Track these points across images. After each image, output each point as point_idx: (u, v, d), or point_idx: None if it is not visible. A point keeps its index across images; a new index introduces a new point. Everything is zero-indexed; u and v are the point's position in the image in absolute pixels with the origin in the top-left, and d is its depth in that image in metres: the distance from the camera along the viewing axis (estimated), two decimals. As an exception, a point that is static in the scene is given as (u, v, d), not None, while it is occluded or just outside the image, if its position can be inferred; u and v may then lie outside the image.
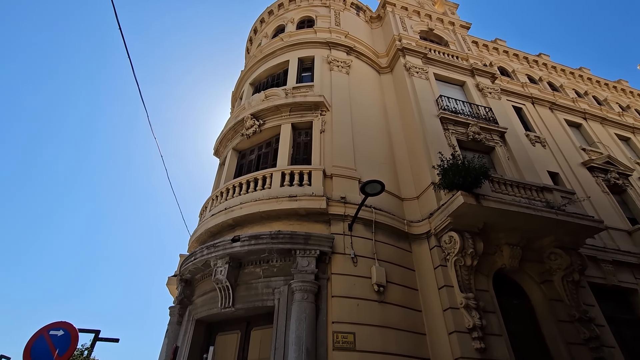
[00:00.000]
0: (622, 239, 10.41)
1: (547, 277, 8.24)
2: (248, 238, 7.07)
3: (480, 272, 7.72)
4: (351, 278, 6.91)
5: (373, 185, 6.54)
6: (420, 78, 11.54)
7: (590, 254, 9.29)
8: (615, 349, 7.63)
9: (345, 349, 6.02)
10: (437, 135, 9.80)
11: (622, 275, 9.41)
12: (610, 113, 15.95)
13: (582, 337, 7.42)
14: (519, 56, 17.07)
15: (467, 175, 7.26)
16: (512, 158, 10.28)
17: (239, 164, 10.56)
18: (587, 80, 18.20)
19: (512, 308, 7.93)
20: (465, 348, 6.52)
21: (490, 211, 7.44)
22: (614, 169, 12.42)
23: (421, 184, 9.12)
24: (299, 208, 7.54)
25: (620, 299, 9.36)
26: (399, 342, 6.55)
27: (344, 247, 7.33)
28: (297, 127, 9.96)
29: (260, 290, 6.95)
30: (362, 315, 6.51)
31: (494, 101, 12.09)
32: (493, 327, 6.95)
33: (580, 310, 7.74)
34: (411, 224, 8.55)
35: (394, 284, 7.26)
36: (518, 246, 8.14)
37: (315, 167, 8.33)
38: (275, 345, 6.14)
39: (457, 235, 7.47)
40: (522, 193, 8.18)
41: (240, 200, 8.17)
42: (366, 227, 7.82)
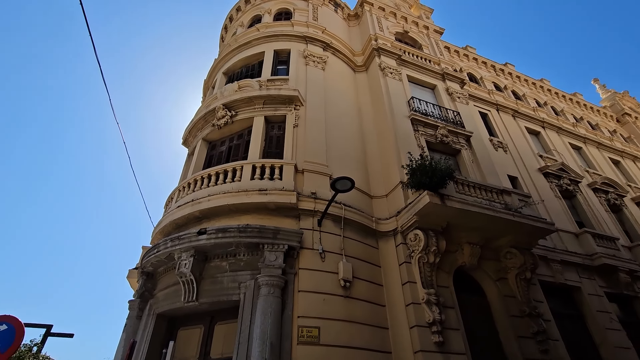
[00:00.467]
0: (570, 241, 11.23)
1: (502, 274, 8.73)
2: (215, 231, 6.92)
3: (442, 269, 8.05)
4: (318, 273, 6.96)
5: (343, 182, 6.61)
6: (394, 79, 11.75)
7: (542, 254, 9.95)
8: (559, 342, 8.24)
9: (309, 343, 6.07)
10: (408, 135, 10.05)
11: (569, 274, 10.17)
12: (565, 123, 17.10)
13: (531, 331, 7.95)
14: (487, 64, 17.85)
15: (433, 175, 7.51)
16: (476, 161, 10.75)
17: (208, 155, 10.28)
18: (546, 91, 19.37)
19: (469, 304, 8.34)
20: (425, 342, 6.79)
21: (453, 211, 7.75)
22: (566, 176, 13.35)
23: (390, 183, 9.33)
24: (269, 202, 7.48)
25: (566, 295, 10.11)
26: (363, 336, 6.70)
27: (312, 243, 7.36)
28: (270, 121, 9.84)
29: (226, 285, 6.83)
30: (328, 309, 6.59)
31: (462, 106, 12.57)
32: (451, 322, 7.27)
33: (531, 306, 8.28)
34: (379, 222, 8.73)
35: (360, 280, 7.40)
36: (478, 245, 8.55)
37: (287, 162, 8.29)
38: (239, 340, 6.08)
39: (422, 234, 7.73)
40: (484, 195, 8.59)
41: (208, 192, 7.97)
42: (335, 223, 7.90)
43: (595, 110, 20.86)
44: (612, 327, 9.43)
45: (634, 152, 18.46)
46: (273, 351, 5.71)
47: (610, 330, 9.32)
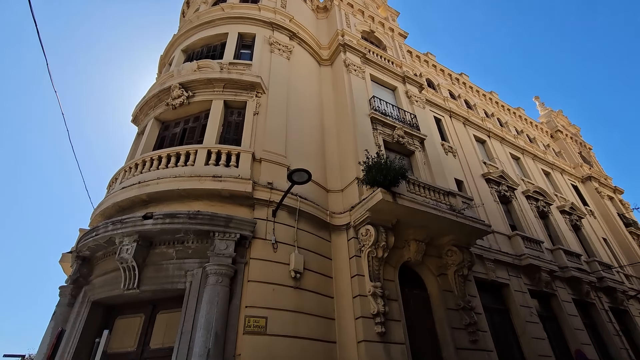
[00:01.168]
0: (503, 242, 12.30)
1: (443, 270, 9.34)
2: (162, 216, 6.58)
3: (389, 263, 8.42)
4: (270, 264, 6.93)
5: (300, 174, 6.61)
6: (357, 76, 11.93)
7: (478, 253, 10.79)
8: (487, 333, 9.04)
9: (255, 333, 6.05)
10: (366, 133, 10.29)
11: (500, 272, 11.16)
12: (508, 135, 18.59)
13: (464, 323, 8.63)
14: (445, 72, 18.80)
15: (387, 174, 7.78)
16: (427, 163, 11.32)
17: (160, 136, 9.71)
18: (494, 104, 20.88)
19: (412, 297, 8.84)
20: (368, 332, 7.08)
21: (404, 209, 8.11)
22: (505, 183, 14.55)
23: (346, 178, 9.51)
24: (223, 189, 7.26)
25: (496, 291, 11.09)
26: (310, 326, 6.81)
27: (265, 233, 7.30)
28: (230, 106, 9.52)
29: (171, 272, 6.55)
30: (277, 300, 6.60)
31: (419, 109, 13.12)
32: (394, 314, 7.66)
33: (465, 300, 8.96)
34: (333, 215, 8.89)
35: (311, 271, 7.50)
36: (423, 242, 9.06)
37: (245, 149, 8.09)
38: (182, 330, 5.88)
39: (373, 229, 8.00)
40: (432, 195, 9.08)
41: (157, 175, 7.54)
42: (290, 214, 7.90)
43: (534, 125, 22.92)
44: (531, 320, 10.54)
45: (562, 165, 20.61)
46: (217, 341, 5.60)
47: (529, 323, 10.41)
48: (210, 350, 5.42)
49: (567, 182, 19.83)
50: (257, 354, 5.90)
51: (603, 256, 16.33)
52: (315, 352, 6.64)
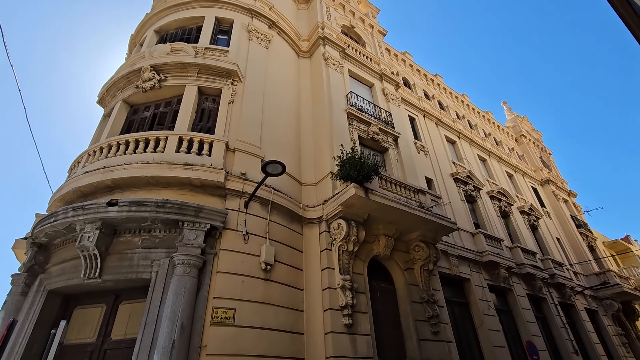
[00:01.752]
0: (467, 239, 12.89)
1: (410, 265, 9.66)
2: (128, 203, 6.32)
3: (359, 257, 8.59)
4: (240, 255, 6.87)
5: (274, 166, 6.57)
6: (335, 71, 11.94)
7: (444, 249, 11.25)
8: (448, 325, 9.47)
9: (223, 324, 6.00)
10: (342, 128, 10.35)
11: (462, 268, 11.69)
12: (477, 137, 19.36)
13: (427, 315, 8.99)
14: (420, 72, 19.21)
15: (361, 170, 7.89)
16: (400, 161, 11.58)
17: (129, 120, 9.28)
18: (466, 106, 21.64)
19: (379, 290, 9.08)
20: (336, 323, 7.22)
21: (375, 204, 8.27)
22: (471, 183, 15.19)
23: (321, 172, 9.56)
24: (194, 178, 7.08)
25: (458, 285, 11.63)
26: (278, 318, 6.85)
27: (237, 224, 7.21)
28: (204, 92, 9.24)
29: (136, 262, 6.33)
30: (246, 291, 6.57)
31: (394, 107, 13.36)
32: (361, 306, 7.85)
33: (429, 293, 9.33)
34: (306, 208, 8.92)
35: (282, 264, 7.51)
36: (392, 237, 9.31)
37: (219, 138, 7.91)
38: (147, 320, 5.72)
39: (344, 223, 8.11)
40: (403, 192, 9.32)
41: (124, 160, 7.22)
42: (263, 206, 7.84)
43: (500, 128, 23.99)
44: (489, 313, 11.16)
45: (524, 168, 21.78)
46: (183, 332, 5.51)
47: (487, 316, 11.02)
48: (176, 341, 5.32)
49: (527, 184, 21.00)
50: (224, 345, 5.86)
51: (556, 254, 17.52)
52: (283, 343, 6.70)
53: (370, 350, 7.40)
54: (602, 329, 16.83)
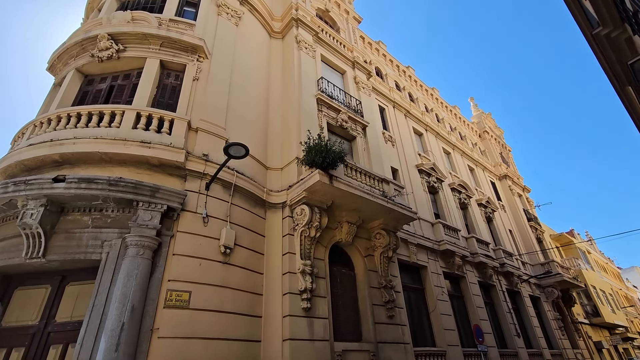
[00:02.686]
0: (427, 228, 13.42)
1: (370, 252, 9.92)
2: (77, 180, 5.94)
3: (320, 243, 8.69)
4: (198, 238, 6.72)
5: (237, 148, 6.42)
6: (307, 54, 11.74)
7: (404, 237, 11.65)
8: (403, 310, 9.90)
9: (177, 307, 5.89)
10: (311, 114, 10.27)
11: (421, 255, 12.20)
12: (443, 130, 19.97)
13: (383, 300, 9.33)
14: (393, 63, 19.36)
15: (326, 156, 7.90)
16: (367, 149, 11.73)
17: (82, 91, 8.64)
18: (434, 99, 22.17)
19: (340, 275, 9.28)
20: (294, 307, 7.32)
21: (339, 192, 8.35)
22: (434, 175, 15.72)
23: (287, 157, 9.47)
24: (152, 157, 6.76)
25: (415, 272, 12.15)
26: (236, 301, 6.82)
27: (196, 206, 7.02)
28: (167, 67, 8.77)
29: (85, 242, 6.01)
30: (203, 274, 6.46)
31: (365, 96, 13.42)
32: (320, 290, 7.99)
33: (387, 279, 9.67)
34: (270, 193, 8.84)
35: (242, 247, 7.45)
36: (355, 224, 9.48)
37: (180, 117, 7.57)
38: (95, 302, 5.49)
39: (307, 209, 8.15)
40: (367, 181, 9.47)
41: (75, 134, 6.75)
42: (225, 189, 7.68)
43: (466, 124, 24.89)
44: (442, 299, 11.79)
45: (485, 163, 22.84)
46: (134, 314, 5.34)
47: (440, 301, 11.64)
48: (125, 323, 5.16)
49: (487, 179, 22.08)
50: (178, 328, 5.77)
51: (507, 245, 18.71)
52: (240, 326, 6.70)
53: (327, 332, 7.59)
54: (542, 314, 18.36)
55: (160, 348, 5.48)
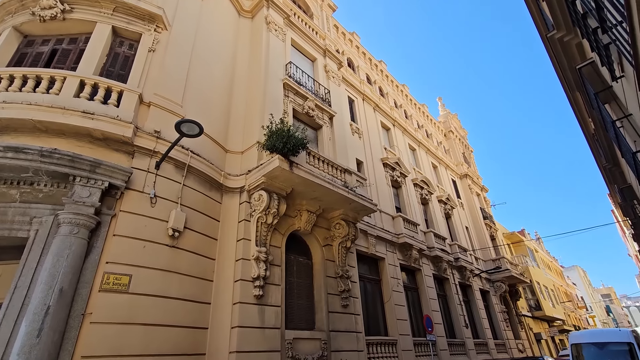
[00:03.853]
0: (387, 221, 13.62)
1: (329, 242, 9.89)
2: (3, 149, 5.32)
3: (278, 230, 8.52)
4: (144, 219, 6.30)
5: (190, 126, 6.04)
6: (277, 37, 11.36)
7: (364, 229, 11.75)
8: (358, 299, 10.00)
9: (114, 291, 5.50)
10: (277, 98, 9.97)
11: (379, 247, 12.37)
12: (410, 127, 20.33)
13: (339, 289, 9.36)
14: (366, 55, 19.33)
15: (288, 142, 7.69)
16: (333, 139, 11.62)
17: (20, 52, 7.78)
18: (404, 96, 22.49)
19: (297, 264, 9.18)
20: (245, 294, 7.13)
21: (300, 179, 8.18)
22: (399, 169, 15.97)
23: (249, 141, 9.15)
24: (95, 129, 6.20)
25: (373, 263, 12.32)
26: (183, 287, 6.51)
27: (144, 185, 6.57)
28: (120, 35, 8.10)
29: (10, 217, 5.42)
30: (147, 257, 6.08)
31: (334, 86, 13.27)
32: (275, 278, 7.85)
33: (344, 269, 9.70)
34: (228, 177, 8.51)
35: (193, 231, 7.11)
36: (315, 214, 9.39)
37: (131, 89, 7.02)
38: (17, 284, 4.98)
39: (266, 195, 7.92)
40: (330, 170, 9.37)
41: (5, 98, 6.04)
42: (178, 169, 7.26)
43: (433, 122, 25.54)
44: (397, 290, 12.05)
45: (448, 162, 23.60)
46: (62, 297, 4.90)
47: (395, 292, 11.89)
48: (51, 307, 4.71)
49: (448, 176, 22.85)
50: (114, 312, 5.39)
51: (463, 241, 19.53)
52: (186, 313, 6.41)
53: (278, 321, 7.48)
54: (490, 307, 19.43)
55: (92, 334, 5.09)
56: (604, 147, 8.26)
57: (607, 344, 10.42)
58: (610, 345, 10.33)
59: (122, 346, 5.32)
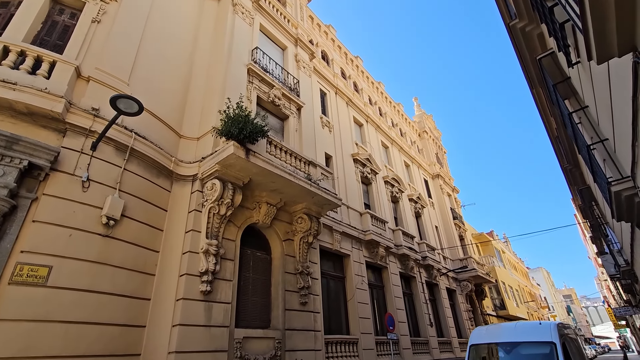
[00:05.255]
0: (355, 217, 13.35)
1: (290, 236, 9.47)
2: None
3: (233, 222, 8.01)
4: (72, 204, 5.65)
5: (128, 102, 5.45)
6: (244, 21, 10.79)
7: (329, 224, 11.40)
8: (318, 297, 9.64)
9: (28, 284, 4.85)
10: (239, 84, 9.42)
11: (345, 244, 12.07)
12: (384, 124, 20.19)
13: (298, 286, 8.97)
14: (341, 49, 19.01)
15: (244, 128, 7.20)
16: (300, 131, 11.19)
17: (-60, 14, 6.86)
18: (380, 93, 22.36)
19: (254, 258, 8.71)
20: (190, 290, 6.60)
21: (257, 168, 7.70)
22: (369, 166, 15.75)
23: (205, 127, 8.58)
24: (17, 101, 5.48)
25: (338, 260, 12.01)
26: (117, 281, 5.91)
27: (75, 167, 5.90)
28: (60, 2, 7.31)
29: None
30: (74, 248, 5.45)
31: (305, 77, 12.83)
32: (226, 273, 7.34)
33: (304, 265, 9.31)
34: (180, 164, 7.92)
35: (133, 220, 6.49)
36: (275, 206, 8.94)
37: (66, 60, 6.30)
38: None
39: (219, 184, 7.40)
40: (292, 161, 8.94)
41: None
42: (119, 152, 6.62)
43: (408, 121, 25.60)
44: (361, 288, 11.80)
45: (420, 161, 23.71)
46: (-43, 291, 4.23)
47: (359, 290, 11.63)
48: (-60, 302, 4.03)
49: (421, 176, 22.94)
50: (27, 308, 4.74)
51: (431, 240, 19.62)
52: (119, 309, 5.82)
53: (227, 318, 6.99)
54: (456, 306, 19.65)
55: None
56: (565, 147, 8.30)
57: (519, 345, 6.86)
58: (523, 347, 6.80)
59: (35, 346, 4.69)
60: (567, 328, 7.95)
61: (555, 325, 6.93)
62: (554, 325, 6.93)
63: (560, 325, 7.20)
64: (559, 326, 6.99)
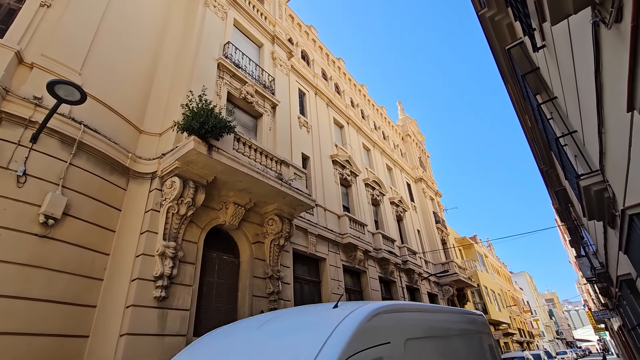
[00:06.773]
0: (332, 220, 12.97)
1: (260, 239, 9.01)
2: None
3: (195, 223, 7.53)
4: (3, 200, 5.09)
5: (68, 89, 4.95)
6: (215, 14, 10.37)
7: (304, 226, 10.98)
8: (290, 302, 9.19)
9: (-60, 290, 4.27)
10: (208, 78, 8.98)
11: (321, 247, 11.66)
12: (366, 127, 19.98)
13: (267, 291, 8.50)
14: (323, 50, 18.76)
15: (205, 122, 6.75)
16: (274, 129, 10.79)
17: None
18: (362, 96, 22.20)
19: (220, 262, 8.21)
20: (143, 296, 6.08)
21: (221, 166, 7.26)
22: (349, 168, 15.44)
23: (169, 121, 8.08)
24: (-60, 86, 4.93)
25: (314, 264, 11.58)
26: (55, 286, 5.35)
27: (10, 160, 5.35)
28: (6, -17, 6.77)
29: None
30: (2, 249, 4.88)
31: (281, 75, 12.47)
32: (185, 278, 6.84)
33: (275, 269, 8.86)
34: (138, 160, 7.40)
35: (78, 220, 5.95)
36: (244, 207, 8.48)
37: (6, 44, 5.77)
38: None
39: (179, 182, 6.92)
40: (262, 160, 8.52)
41: None
42: (65, 145, 6.08)
43: (391, 125, 25.51)
44: (337, 292, 11.38)
45: (403, 165, 23.58)
46: None
47: (335, 295, 11.21)
48: None
49: (403, 179, 22.79)
50: (-63, 318, 4.16)
51: (413, 244, 19.40)
52: (57, 318, 5.25)
53: (184, 326, 6.48)
54: (437, 310, 19.38)
55: None
56: (541, 147, 8.15)
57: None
58: None
59: (-54, 361, 4.11)
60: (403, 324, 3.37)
61: (353, 327, 2.58)
62: (348, 327, 2.57)
63: (374, 319, 2.84)
64: (366, 327, 2.69)
